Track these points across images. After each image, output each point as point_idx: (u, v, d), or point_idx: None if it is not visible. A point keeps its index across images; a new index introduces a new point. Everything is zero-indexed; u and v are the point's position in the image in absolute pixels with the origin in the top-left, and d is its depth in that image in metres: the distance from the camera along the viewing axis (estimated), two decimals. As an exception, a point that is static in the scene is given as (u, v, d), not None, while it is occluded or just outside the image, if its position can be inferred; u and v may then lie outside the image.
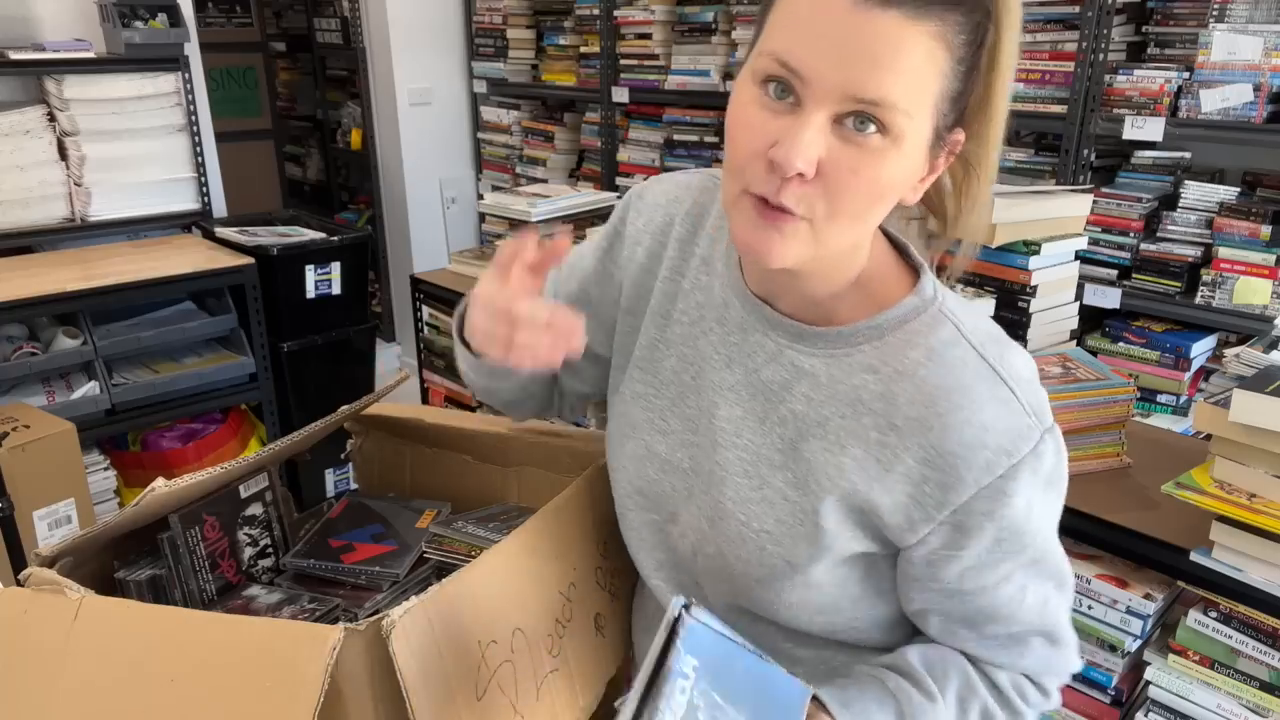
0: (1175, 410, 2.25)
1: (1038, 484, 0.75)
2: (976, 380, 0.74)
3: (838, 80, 0.65)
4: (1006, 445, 0.73)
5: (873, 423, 0.76)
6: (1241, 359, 1.17)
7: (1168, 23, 2.24)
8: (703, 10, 3.05)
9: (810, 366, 0.79)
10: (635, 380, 0.91)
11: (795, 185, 0.68)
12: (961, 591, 0.79)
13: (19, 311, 2.36)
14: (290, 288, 2.77)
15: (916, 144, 0.69)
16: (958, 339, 0.76)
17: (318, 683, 0.70)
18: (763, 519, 0.80)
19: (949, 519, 0.75)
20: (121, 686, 0.78)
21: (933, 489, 0.74)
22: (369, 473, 1.29)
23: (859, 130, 0.66)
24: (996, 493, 0.73)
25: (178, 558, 1.01)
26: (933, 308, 0.78)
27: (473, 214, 4.07)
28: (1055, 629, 0.82)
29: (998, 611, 0.80)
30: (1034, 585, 0.80)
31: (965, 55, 0.68)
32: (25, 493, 2.00)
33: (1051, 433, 0.75)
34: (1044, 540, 0.79)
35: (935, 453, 0.73)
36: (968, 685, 0.82)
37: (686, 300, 0.89)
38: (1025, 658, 0.82)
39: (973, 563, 0.77)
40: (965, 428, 0.73)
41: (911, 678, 0.81)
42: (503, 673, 0.82)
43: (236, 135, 4.96)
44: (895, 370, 0.76)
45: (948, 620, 0.82)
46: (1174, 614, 1.24)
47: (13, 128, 2.63)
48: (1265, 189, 2.27)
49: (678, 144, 3.26)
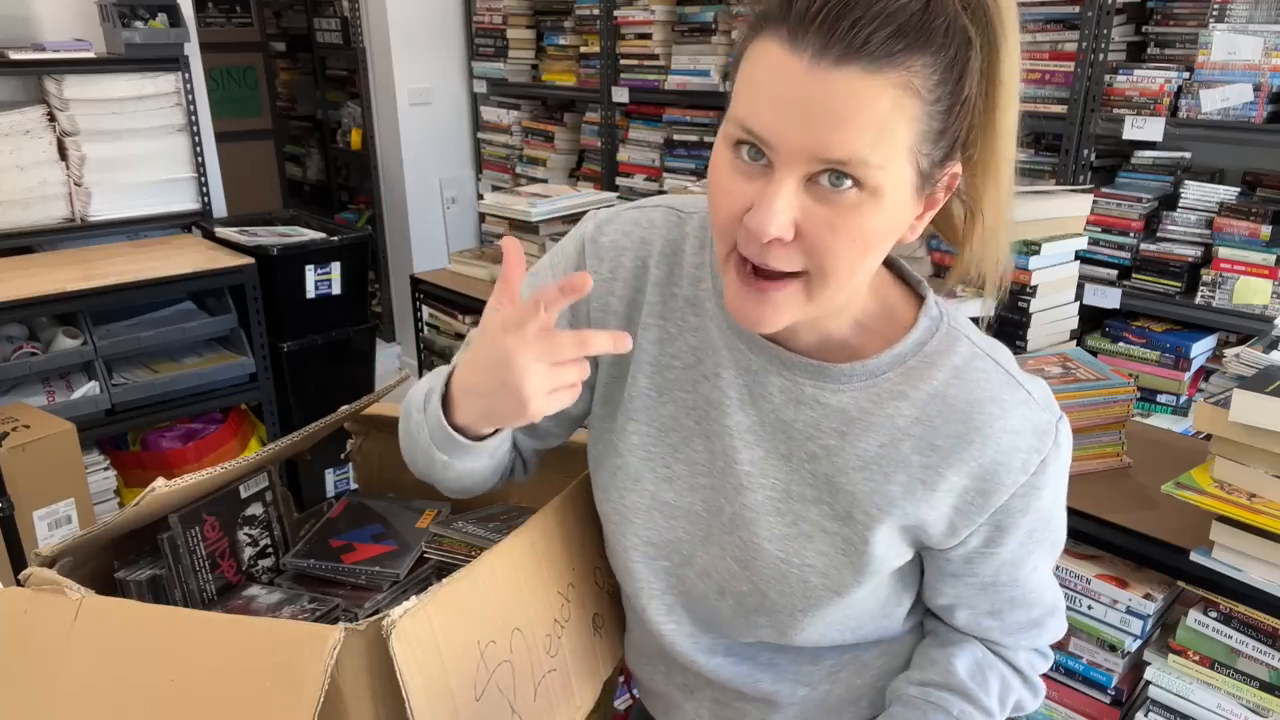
0: (1175, 410, 2.25)
1: (1059, 472, 0.79)
2: (1002, 390, 0.77)
3: (803, 144, 0.64)
4: (1035, 444, 0.76)
5: (913, 447, 0.77)
6: (1241, 359, 1.17)
7: (1168, 23, 2.24)
8: (703, 10, 3.05)
9: (839, 403, 0.79)
10: (629, 432, 0.87)
11: (778, 248, 0.68)
12: (996, 584, 0.82)
13: (19, 311, 2.36)
14: (290, 288, 2.77)
15: (898, 191, 0.67)
16: (975, 353, 0.78)
17: (318, 683, 0.70)
18: (803, 554, 0.80)
19: (989, 520, 0.78)
20: (121, 686, 0.78)
21: (975, 496, 0.77)
22: (369, 473, 1.29)
23: (834, 187, 0.65)
24: (1030, 489, 0.77)
25: (178, 558, 1.01)
26: (944, 326, 0.80)
27: (473, 214, 4.07)
28: (1058, 601, 0.88)
29: (1025, 600, 0.84)
30: (1045, 564, 0.84)
31: (941, 94, 0.65)
32: (25, 493, 2.00)
33: (1062, 420, 0.79)
34: (1061, 521, 0.83)
35: (978, 465, 0.76)
36: (1004, 684, 0.88)
37: (676, 345, 0.85)
38: (1040, 638, 0.89)
39: (1009, 557, 0.81)
40: (1003, 436, 0.75)
41: (968, 697, 0.86)
42: (501, 673, 0.82)
43: (236, 135, 4.96)
44: (926, 394, 0.77)
45: (975, 613, 0.86)
46: (1174, 614, 1.24)
47: (13, 128, 2.63)
48: (1265, 189, 2.27)
49: (678, 144, 3.26)
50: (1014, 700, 0.89)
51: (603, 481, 0.90)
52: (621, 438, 0.88)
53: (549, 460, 1.16)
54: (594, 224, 0.88)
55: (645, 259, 0.86)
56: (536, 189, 2.72)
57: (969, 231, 0.77)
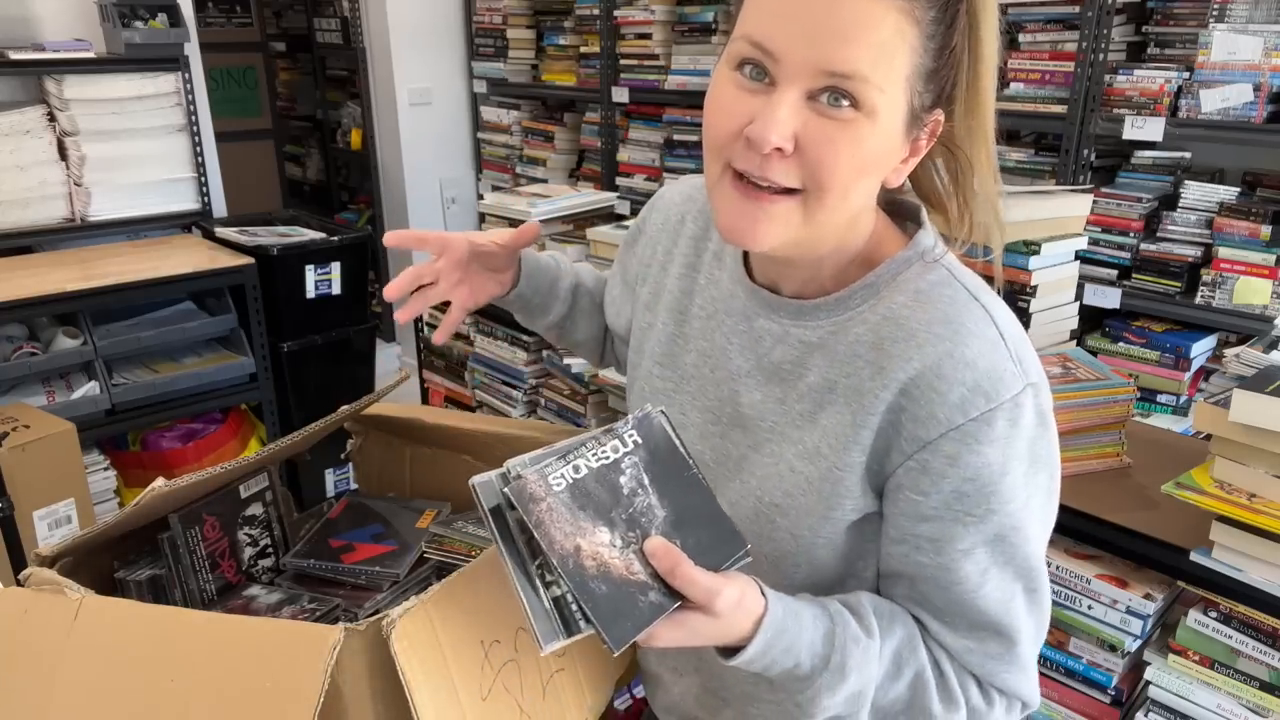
0: (1175, 410, 2.25)
1: (1016, 444, 0.72)
2: (964, 315, 0.74)
3: (808, 56, 0.67)
4: (985, 387, 0.71)
5: (868, 373, 0.76)
6: (1241, 359, 1.17)
7: (1168, 23, 2.24)
8: (703, 10, 3.05)
9: (818, 338, 0.80)
10: (654, 376, 0.92)
11: (776, 160, 0.70)
12: (920, 550, 0.76)
13: (19, 311, 2.36)
14: (290, 288, 2.77)
15: (892, 119, 0.70)
16: (949, 280, 0.77)
17: (318, 683, 0.70)
18: (772, 492, 0.81)
19: (917, 455, 0.73)
20: (121, 686, 0.78)
21: (908, 421, 0.73)
22: (369, 473, 1.29)
23: (833, 105, 0.68)
24: (965, 438, 0.71)
25: (178, 558, 1.01)
26: (926, 257, 0.78)
27: (473, 214, 4.07)
28: (1014, 635, 0.77)
29: (955, 588, 0.76)
30: (997, 573, 0.76)
31: (935, 32, 0.69)
32: (25, 493, 2.00)
33: (1035, 389, 0.73)
34: (1013, 517, 0.74)
35: (912, 384, 0.73)
36: (910, 646, 0.78)
37: (702, 295, 0.91)
38: (974, 654, 0.78)
39: (932, 514, 0.74)
40: (945, 360, 0.72)
41: (855, 611, 0.77)
42: (507, 672, 0.82)
43: (236, 135, 4.96)
44: (882, 316, 0.76)
45: (913, 585, 0.78)
46: (1174, 614, 1.24)
47: (13, 128, 2.63)
48: (1265, 189, 2.27)
49: (678, 144, 3.26)
50: (914, 674, 0.77)
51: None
52: (648, 382, 0.93)
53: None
54: (667, 185, 1.01)
55: (685, 214, 0.95)
56: (536, 189, 2.72)
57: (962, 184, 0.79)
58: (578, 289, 1.11)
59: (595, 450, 0.69)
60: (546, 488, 0.67)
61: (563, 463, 0.68)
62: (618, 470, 0.69)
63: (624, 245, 1.03)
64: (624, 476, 0.69)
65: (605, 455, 0.69)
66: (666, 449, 0.72)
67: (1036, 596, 0.79)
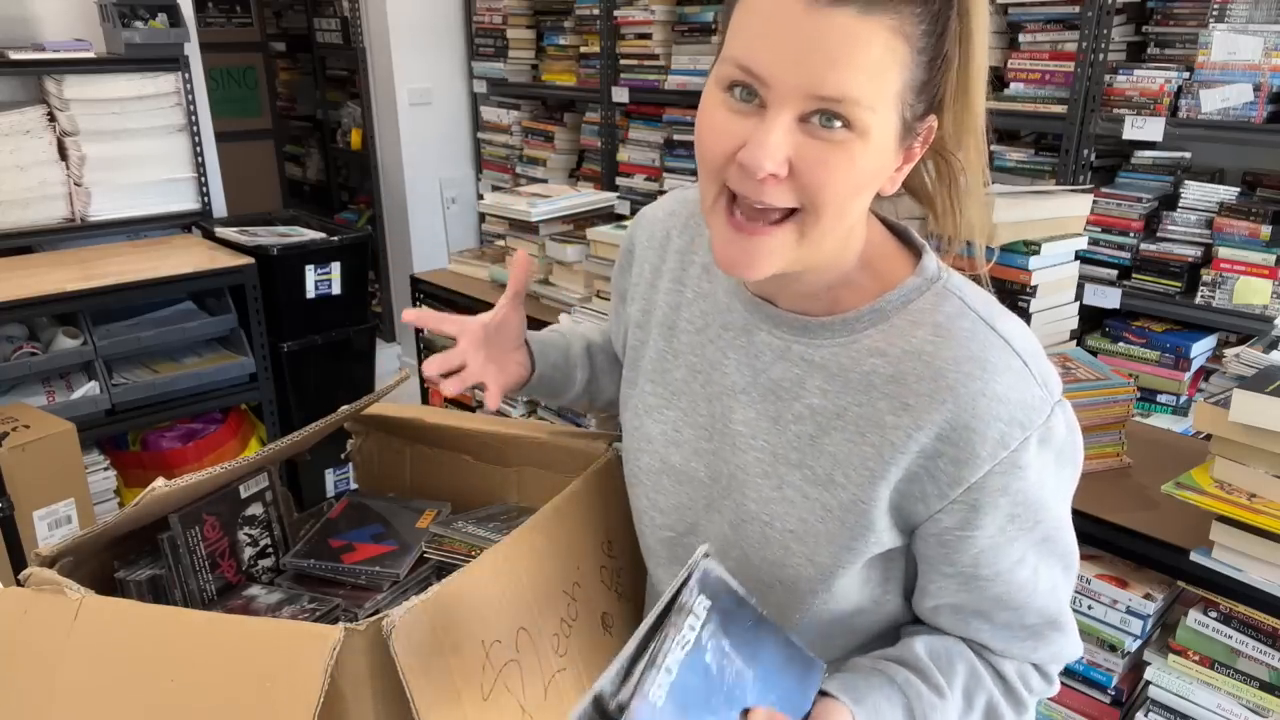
0: (1175, 410, 2.25)
1: (1048, 456, 0.75)
2: (987, 350, 0.74)
3: (798, 81, 0.66)
4: (1020, 417, 0.72)
5: (887, 406, 0.75)
6: (1241, 359, 1.17)
7: (1168, 23, 2.24)
8: (703, 10, 3.05)
9: (820, 359, 0.79)
10: (646, 394, 0.92)
11: (772, 184, 0.69)
12: (977, 578, 0.78)
13: (19, 311, 2.36)
14: (290, 288, 2.77)
15: (884, 136, 0.69)
16: (964, 311, 0.76)
17: (318, 683, 0.70)
18: (785, 519, 0.80)
19: (963, 497, 0.74)
20: (121, 686, 0.78)
21: (947, 464, 0.73)
22: (369, 473, 1.29)
23: (825, 126, 0.67)
24: (1010, 468, 0.73)
25: (178, 558, 1.01)
26: (936, 285, 0.78)
27: (473, 214, 4.07)
28: (1063, 616, 0.82)
29: (1012, 599, 0.79)
30: (1045, 568, 0.79)
31: (926, 45, 0.68)
32: (25, 493, 2.00)
33: (1062, 406, 0.75)
34: (1055, 517, 0.78)
35: (949, 427, 0.73)
36: (974, 676, 0.81)
37: (691, 309, 0.89)
38: (1038, 651, 0.82)
39: (988, 543, 0.76)
40: (979, 399, 0.72)
41: (919, 672, 0.79)
42: (508, 672, 0.82)
43: (236, 135, 4.96)
44: (903, 350, 0.75)
45: (959, 613, 0.81)
46: (1174, 614, 1.24)
47: (13, 128, 2.63)
48: (1265, 189, 2.27)
49: (678, 144, 3.26)
50: (985, 702, 0.82)
51: (626, 444, 0.94)
52: (641, 399, 0.92)
53: (549, 460, 1.16)
54: (647, 205, 0.99)
55: (670, 229, 0.94)
56: (536, 189, 2.72)
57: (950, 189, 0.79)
58: (590, 349, 1.09)
59: (675, 637, 0.65)
60: (652, 709, 0.63)
61: (654, 669, 0.63)
62: (702, 650, 0.67)
63: (617, 271, 1.01)
64: (708, 654, 0.67)
65: (686, 639, 0.66)
66: (733, 603, 0.70)
67: (1071, 564, 0.82)
